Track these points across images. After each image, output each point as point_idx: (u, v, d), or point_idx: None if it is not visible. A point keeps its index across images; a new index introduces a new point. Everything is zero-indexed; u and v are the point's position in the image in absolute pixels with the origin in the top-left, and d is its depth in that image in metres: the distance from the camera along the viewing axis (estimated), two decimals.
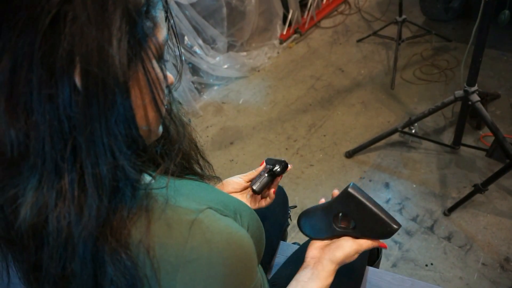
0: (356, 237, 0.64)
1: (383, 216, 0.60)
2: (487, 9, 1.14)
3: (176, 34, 0.45)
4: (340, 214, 0.64)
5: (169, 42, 0.45)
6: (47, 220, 0.37)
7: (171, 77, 0.47)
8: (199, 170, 0.60)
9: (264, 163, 0.80)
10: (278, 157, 0.80)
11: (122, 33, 0.35)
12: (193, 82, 2.32)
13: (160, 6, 0.41)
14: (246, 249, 0.43)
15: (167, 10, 0.42)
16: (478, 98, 1.38)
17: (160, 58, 0.41)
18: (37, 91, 0.34)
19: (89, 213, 0.36)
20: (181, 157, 0.55)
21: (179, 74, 0.49)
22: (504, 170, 1.27)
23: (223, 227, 0.42)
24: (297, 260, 0.85)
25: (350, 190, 0.61)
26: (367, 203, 0.60)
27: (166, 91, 0.44)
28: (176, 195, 0.43)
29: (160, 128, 0.47)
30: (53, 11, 0.32)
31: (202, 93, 2.42)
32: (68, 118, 0.35)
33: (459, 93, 1.42)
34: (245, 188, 0.83)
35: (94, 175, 0.36)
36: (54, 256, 0.38)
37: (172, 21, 0.44)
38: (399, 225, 0.60)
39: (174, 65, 0.50)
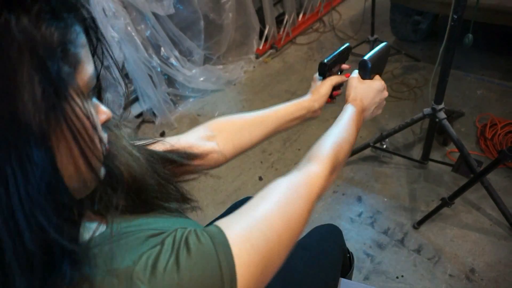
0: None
1: None
2: (453, 32, 1.21)
3: (114, 60, 0.42)
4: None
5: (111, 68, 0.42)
6: None
7: (107, 112, 0.42)
8: (168, 205, 0.54)
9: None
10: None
11: (34, 85, 0.30)
12: (168, 94, 2.30)
13: (81, 38, 0.36)
14: (191, 275, 0.39)
15: (97, 35, 0.38)
16: (444, 116, 1.44)
17: (88, 98, 0.37)
18: None
19: None
20: (137, 192, 0.50)
21: (125, 102, 0.45)
22: (468, 184, 1.33)
23: (161, 270, 0.37)
24: None
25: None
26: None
27: (103, 134, 0.39)
28: (118, 248, 0.39)
29: (102, 170, 0.42)
30: None
31: (177, 105, 2.41)
32: None
33: (427, 110, 1.48)
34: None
35: (18, 255, 0.30)
36: None
37: (106, 46, 0.40)
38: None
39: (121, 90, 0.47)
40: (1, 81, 0.29)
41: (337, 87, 0.89)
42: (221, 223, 0.42)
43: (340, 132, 0.66)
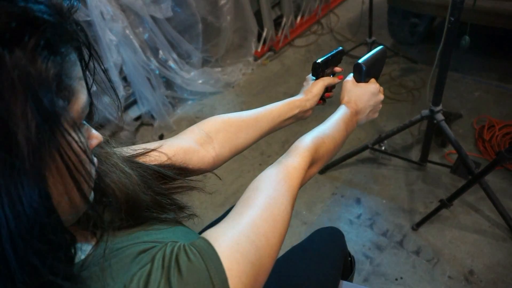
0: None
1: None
2: (450, 35, 1.21)
3: (107, 75, 0.41)
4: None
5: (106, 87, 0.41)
6: None
7: (98, 136, 0.42)
8: (162, 216, 0.53)
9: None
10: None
11: (28, 123, 0.29)
12: (167, 96, 2.30)
13: (76, 67, 0.35)
14: None
15: (89, 51, 0.37)
16: (443, 117, 1.45)
17: (80, 127, 0.36)
18: None
19: None
20: (131, 209, 0.49)
21: (120, 114, 0.44)
22: (467, 186, 1.33)
23: None
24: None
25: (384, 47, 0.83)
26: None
27: (91, 165, 0.39)
28: (110, 267, 0.39)
29: (92, 194, 0.42)
30: None
31: (176, 107, 2.41)
32: None
33: (425, 112, 1.49)
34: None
35: None
36: None
37: (99, 62, 0.39)
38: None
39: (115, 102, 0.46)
40: None
41: (329, 88, 0.89)
42: (209, 235, 0.42)
43: (325, 129, 0.67)
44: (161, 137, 2.24)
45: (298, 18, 2.91)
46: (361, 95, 0.78)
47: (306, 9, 2.93)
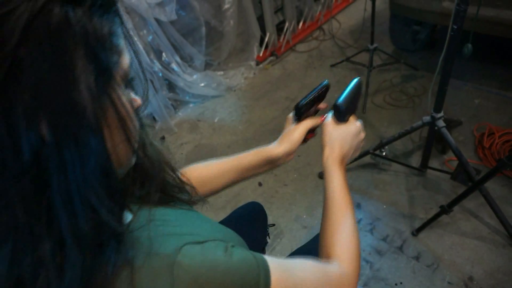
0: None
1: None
2: (452, 42, 1.23)
3: (135, 47, 0.43)
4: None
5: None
6: None
7: (137, 99, 0.44)
8: (181, 196, 0.57)
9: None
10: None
11: (87, 74, 0.32)
12: (169, 99, 2.31)
13: (121, 28, 0.38)
14: (232, 270, 0.41)
15: (124, 27, 0.40)
16: (444, 124, 1.46)
17: (127, 84, 0.39)
18: None
19: (70, 276, 0.33)
20: (158, 179, 0.52)
21: (146, 95, 0.45)
22: (467, 192, 1.34)
23: (203, 260, 0.40)
24: None
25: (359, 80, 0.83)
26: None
27: (137, 122, 0.41)
28: (155, 234, 0.41)
29: (133, 158, 0.44)
30: (7, 61, 0.28)
31: (177, 110, 2.42)
32: (36, 176, 0.31)
33: (427, 118, 1.50)
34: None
35: (75, 235, 0.33)
36: None
37: (130, 33, 0.42)
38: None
39: (150, 81, 0.47)
40: (61, 71, 0.31)
41: (311, 130, 0.85)
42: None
43: (348, 225, 0.68)
44: (162, 139, 2.24)
45: (300, 24, 2.94)
46: (344, 138, 0.75)
47: (308, 15, 2.95)
